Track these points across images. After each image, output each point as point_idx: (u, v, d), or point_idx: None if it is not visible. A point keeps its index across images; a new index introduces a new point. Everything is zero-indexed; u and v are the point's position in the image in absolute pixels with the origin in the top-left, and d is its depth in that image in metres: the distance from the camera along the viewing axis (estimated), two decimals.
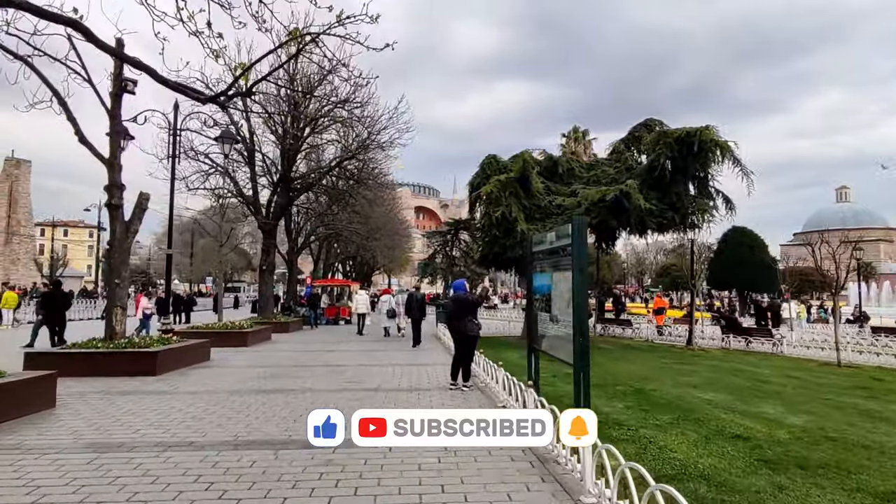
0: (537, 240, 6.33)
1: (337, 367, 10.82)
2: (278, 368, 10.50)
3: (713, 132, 13.22)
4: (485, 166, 16.71)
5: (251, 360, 11.94)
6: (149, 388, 8.19)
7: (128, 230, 10.80)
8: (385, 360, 11.84)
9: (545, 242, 5.87)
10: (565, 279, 5.16)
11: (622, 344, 17.82)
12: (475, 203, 16.98)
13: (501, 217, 14.79)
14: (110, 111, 10.67)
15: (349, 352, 13.72)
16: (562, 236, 5.23)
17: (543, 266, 6.07)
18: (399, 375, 9.66)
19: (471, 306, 8.12)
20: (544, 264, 6.06)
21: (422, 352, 13.79)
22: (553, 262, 5.61)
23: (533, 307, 6.35)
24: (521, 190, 15.68)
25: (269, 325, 18.66)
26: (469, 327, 7.99)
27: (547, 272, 5.84)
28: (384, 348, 14.65)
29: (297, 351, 13.91)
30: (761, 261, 38.57)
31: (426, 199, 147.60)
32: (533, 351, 6.45)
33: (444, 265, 48.22)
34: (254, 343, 15.36)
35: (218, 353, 12.92)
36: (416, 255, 76.04)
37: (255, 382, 8.79)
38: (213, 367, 10.69)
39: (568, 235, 5.03)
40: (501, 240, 15.05)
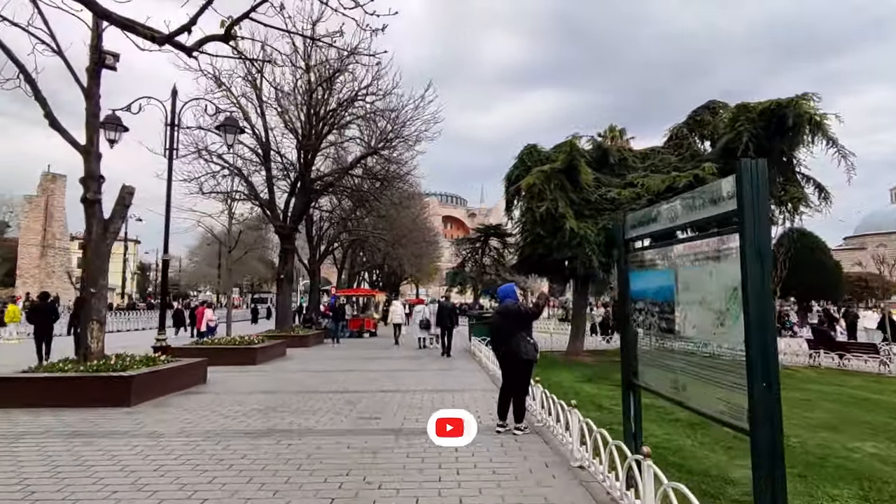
0: (640, 218, 4.18)
1: (352, 393, 8.82)
2: (281, 396, 8.56)
3: (809, 104, 10.80)
4: (524, 157, 14.61)
5: (254, 383, 10.07)
6: (107, 427, 6.34)
7: (106, 230, 9.11)
8: (411, 384, 9.79)
9: (660, 220, 3.72)
10: (712, 274, 3.02)
11: None
12: (513, 199, 14.87)
13: (546, 213, 12.64)
14: (86, 90, 9.04)
15: (370, 371, 11.73)
16: (705, 201, 3.08)
17: (653, 259, 3.92)
18: (428, 407, 7.57)
19: (524, 320, 5.99)
20: (654, 256, 3.91)
21: (455, 371, 11.69)
22: (680, 252, 3.46)
23: (629, 322, 4.21)
24: (568, 182, 13.51)
25: (284, 339, 16.88)
26: (523, 348, 5.87)
27: (663, 267, 3.69)
28: (411, 367, 12.62)
29: (311, 371, 12.00)
30: (823, 265, 35.05)
31: (453, 209, 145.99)
32: (632, 388, 4.27)
33: (474, 273, 46.01)
34: (264, 360, 13.55)
35: (219, 373, 11.15)
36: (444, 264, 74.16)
37: (245, 419, 6.85)
38: (205, 394, 8.83)
39: (721, 199, 2.90)
40: (546, 239, 12.87)
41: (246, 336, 14.57)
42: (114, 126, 11.44)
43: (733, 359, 2.80)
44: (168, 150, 11.79)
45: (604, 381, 10.58)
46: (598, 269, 13.02)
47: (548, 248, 12.91)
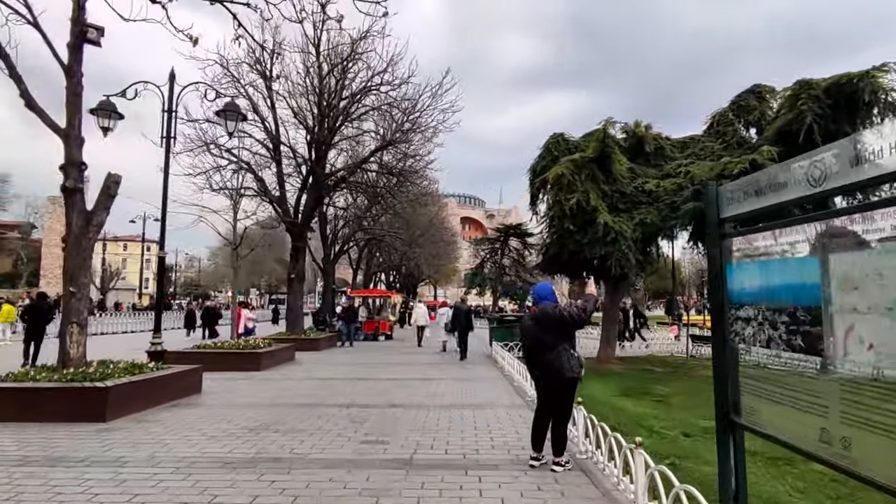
0: (749, 186, 2.93)
1: (360, 408, 7.72)
2: (279, 411, 7.51)
3: (885, 77, 9.33)
4: (550, 147, 13.39)
5: (253, 393, 9.06)
6: (66, 450, 5.35)
7: (89, 223, 8.20)
8: (426, 397, 8.66)
9: (792, 184, 2.51)
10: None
11: None
12: (538, 193, 13.65)
13: (576, 206, 11.40)
14: (66, 67, 8.14)
15: (381, 381, 10.64)
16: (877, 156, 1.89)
17: (775, 244, 2.71)
18: (445, 428, 6.43)
19: (566, 328, 4.80)
20: (779, 240, 2.69)
21: (475, 382, 10.53)
22: (836, 231, 2.25)
23: (725, 335, 3.00)
24: (601, 172, 12.26)
25: (292, 342, 15.93)
26: (565, 364, 4.69)
27: (800, 254, 2.49)
28: (427, 375, 11.50)
29: (317, 379, 10.96)
30: None
31: (471, 210, 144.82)
32: (732, 429, 3.03)
33: (493, 275, 44.72)
34: (269, 366, 12.58)
35: (218, 381, 10.21)
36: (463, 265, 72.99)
37: (230, 442, 5.80)
38: (195, 407, 7.84)
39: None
40: (576, 235, 11.63)
41: (251, 339, 13.63)
42: (107, 113, 10.61)
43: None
44: (165, 138, 10.89)
45: (643, 395, 9.30)
46: (634, 269, 11.74)
47: (578, 244, 11.66)
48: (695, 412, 7.72)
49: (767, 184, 2.73)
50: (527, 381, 9.11)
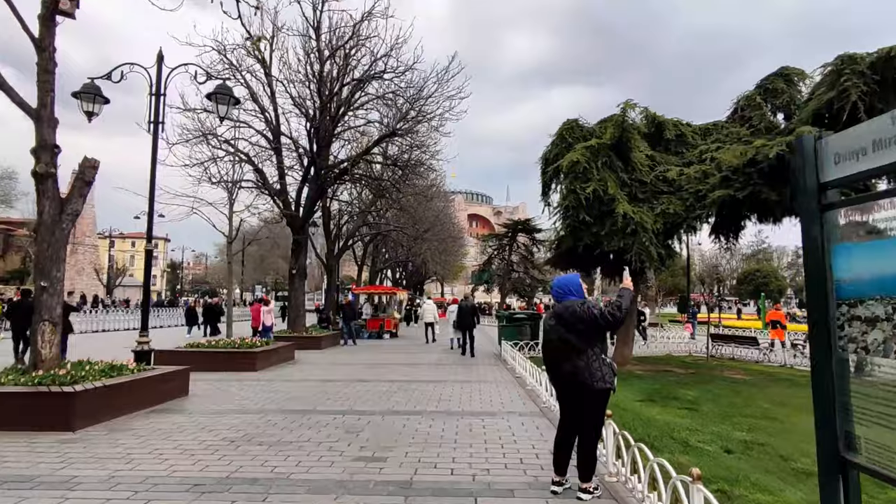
0: (857, 140, 2.14)
1: (357, 415, 6.99)
2: (268, 418, 6.79)
3: None
4: (564, 133, 12.54)
5: (243, 397, 8.35)
6: (17, 466, 4.65)
7: (62, 211, 7.50)
8: (431, 402, 7.90)
9: None
10: None
11: (760, 373, 12.97)
12: (550, 182, 12.82)
13: (593, 196, 10.57)
14: (37, 41, 7.44)
15: (383, 382, 9.89)
16: None
17: None
18: (451, 441, 5.67)
19: (596, 328, 3.99)
20: None
21: (485, 384, 9.76)
22: None
23: (828, 342, 2.20)
24: (619, 159, 11.41)
25: (294, 340, 15.25)
26: (594, 371, 3.90)
27: None
28: (432, 376, 10.75)
29: (315, 381, 10.25)
30: None
31: (479, 207, 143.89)
32: (842, 468, 2.23)
33: (501, 271, 43.89)
34: (266, 366, 11.90)
35: (208, 382, 9.57)
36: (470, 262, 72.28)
37: (205, 457, 5.08)
38: (177, 413, 7.14)
39: None
40: (593, 227, 10.79)
41: (248, 338, 12.95)
42: (91, 97, 9.93)
43: None
44: (153, 123, 10.18)
45: (669, 400, 8.48)
46: (655, 262, 10.90)
47: (594, 237, 10.83)
48: (730, 422, 6.90)
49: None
50: (541, 386, 8.34)
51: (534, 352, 14.47)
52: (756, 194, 9.26)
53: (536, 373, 8.67)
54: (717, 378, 11.40)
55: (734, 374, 12.09)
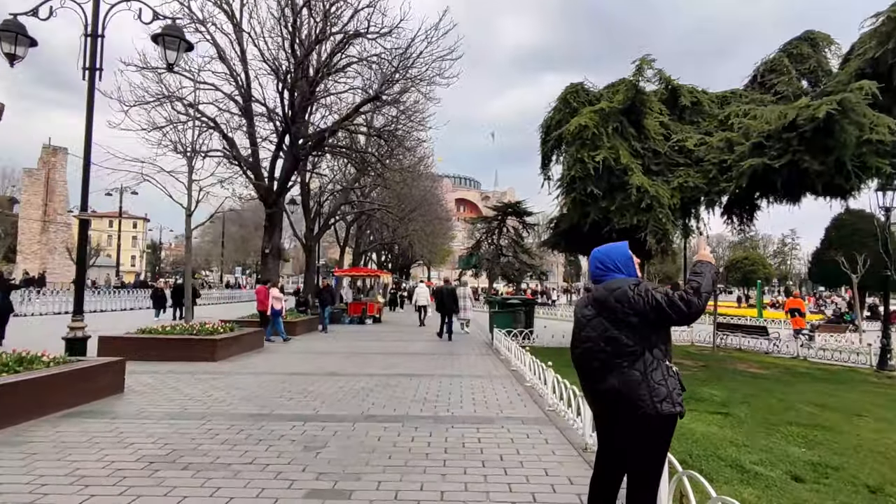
0: None
1: (322, 421, 5.65)
2: (210, 425, 5.43)
3: None
4: (568, 98, 11.15)
5: (187, 396, 6.94)
6: None
7: None
8: (415, 402, 6.59)
9: None
10: None
11: (774, 366, 11.90)
12: (551, 153, 11.47)
13: (603, 166, 9.23)
14: None
15: (360, 377, 8.55)
16: None
17: None
18: (439, 462, 4.37)
19: (655, 325, 2.64)
20: None
21: (477, 381, 8.48)
22: None
23: None
24: (631, 127, 10.08)
25: (258, 326, 13.84)
26: (655, 386, 2.57)
27: None
28: (416, 368, 9.44)
29: (281, 374, 8.88)
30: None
31: (467, 191, 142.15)
32: None
33: (490, 255, 42.62)
34: (228, 355, 10.50)
35: (154, 376, 8.22)
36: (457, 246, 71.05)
37: (102, 489, 3.72)
38: (95, 419, 5.72)
39: None
40: (602, 202, 9.49)
41: (209, 323, 11.50)
42: (13, 35, 8.29)
43: None
44: (88, 69, 8.55)
45: (697, 402, 7.27)
46: (672, 241, 9.67)
47: (603, 212, 9.53)
48: (779, 433, 5.69)
49: None
50: (541, 381, 7.08)
51: (528, 341, 13.26)
52: (795, 163, 8.01)
53: (536, 366, 7.41)
54: (732, 372, 10.28)
55: (750, 368, 10.99)
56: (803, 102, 8.20)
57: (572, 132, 9.59)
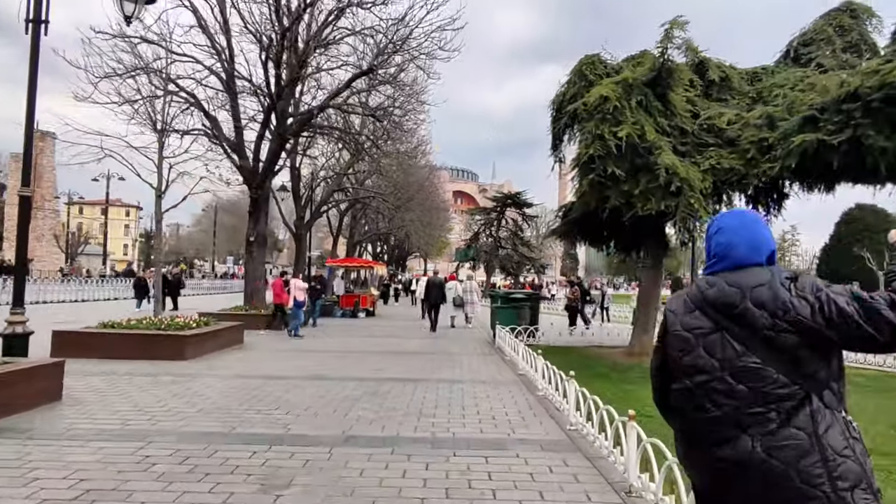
0: None
1: (292, 446, 4.52)
2: (147, 451, 4.29)
3: None
4: (584, 70, 9.95)
5: (135, 408, 5.80)
6: None
7: None
8: (407, 418, 5.47)
9: None
10: None
11: None
12: (563, 133, 10.32)
13: (626, 143, 8.09)
14: None
15: (345, 381, 7.42)
16: None
17: None
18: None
19: (834, 347, 1.52)
20: None
21: (479, 387, 7.37)
22: None
23: None
24: (658, 101, 8.92)
25: (245, 320, 12.71)
26: (837, 461, 1.45)
27: None
28: (412, 371, 8.32)
29: (257, 376, 7.74)
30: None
31: (464, 183, 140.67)
32: None
33: (488, 248, 41.55)
34: (200, 354, 9.35)
35: (104, 379, 7.11)
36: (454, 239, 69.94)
37: None
38: (7, 439, 4.57)
39: None
40: (623, 184, 8.34)
41: (181, 316, 10.34)
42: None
43: None
44: (31, 22, 7.32)
45: None
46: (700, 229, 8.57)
47: (625, 196, 8.38)
48: None
49: None
50: (556, 390, 6.00)
51: (533, 339, 12.17)
52: (858, 139, 6.86)
53: (552, 374, 6.31)
54: None
55: None
56: (872, 66, 7.08)
57: (591, 105, 8.42)
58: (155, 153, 10.53)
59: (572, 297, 16.82)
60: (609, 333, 13.64)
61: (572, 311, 16.31)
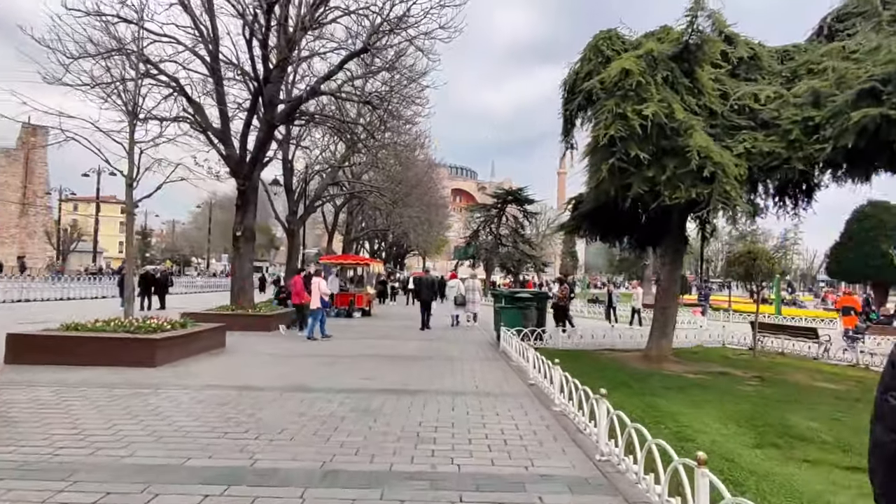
0: None
1: (248, 494, 3.56)
2: (58, 498, 3.33)
3: None
4: (600, 46, 8.97)
5: (70, 430, 4.84)
6: None
7: None
8: (403, 446, 4.52)
9: None
10: None
11: (841, 377, 9.95)
12: (575, 116, 9.35)
13: (651, 123, 7.14)
14: None
15: (333, 393, 6.47)
16: None
17: None
18: None
19: None
20: None
21: (486, 399, 6.42)
22: None
23: None
24: (685, 78, 7.96)
25: (229, 320, 11.75)
26: None
27: None
28: (409, 381, 7.37)
29: (231, 387, 6.78)
30: None
31: (463, 182, 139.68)
32: None
33: (489, 245, 40.56)
34: (172, 359, 8.39)
35: (52, 389, 6.19)
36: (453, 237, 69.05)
37: None
38: None
39: None
40: (646, 170, 7.37)
41: (154, 318, 9.36)
42: None
43: None
44: None
45: (795, 441, 5.23)
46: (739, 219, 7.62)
47: (650, 183, 7.42)
48: None
49: None
50: (580, 411, 5.07)
51: (541, 342, 11.23)
52: None
53: (572, 388, 5.37)
54: (804, 389, 8.29)
55: (816, 381, 9.02)
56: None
57: (611, 81, 7.47)
58: (125, 138, 9.53)
59: (561, 295, 15.78)
60: (621, 336, 12.69)
61: (560, 311, 15.11)
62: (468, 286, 16.28)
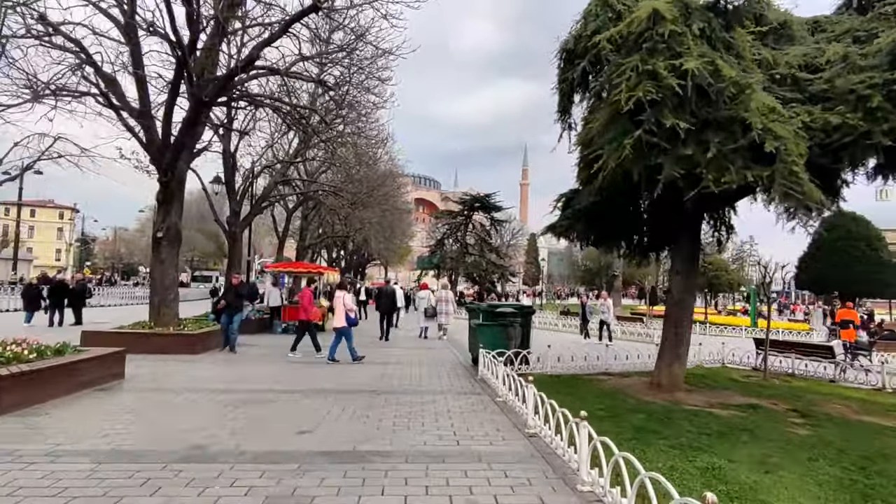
0: None
1: None
2: None
3: None
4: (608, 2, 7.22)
5: None
6: None
7: None
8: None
9: None
10: None
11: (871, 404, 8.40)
12: (576, 87, 7.49)
13: (692, 84, 5.31)
14: None
15: (244, 469, 4.24)
16: None
17: None
18: None
19: None
20: None
21: (470, 467, 4.33)
22: None
23: None
24: (725, 33, 6.22)
25: (131, 342, 9.25)
26: None
27: None
28: (370, 433, 5.21)
29: (79, 458, 4.44)
30: (878, 259, 29.00)
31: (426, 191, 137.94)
32: None
33: (454, 254, 38.64)
34: (30, 402, 5.95)
35: None
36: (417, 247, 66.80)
37: None
38: None
39: None
40: (683, 147, 5.53)
41: (18, 341, 6.82)
42: None
43: None
44: None
45: None
46: (813, 211, 5.87)
47: (687, 165, 5.57)
48: None
49: None
50: (589, 467, 3.03)
51: (527, 366, 9.28)
52: None
53: (606, 454, 3.37)
54: (857, 426, 6.62)
55: (851, 412, 7.43)
56: None
57: (637, 30, 5.64)
58: None
59: None
60: (617, 356, 10.86)
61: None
62: (439, 297, 15.62)
